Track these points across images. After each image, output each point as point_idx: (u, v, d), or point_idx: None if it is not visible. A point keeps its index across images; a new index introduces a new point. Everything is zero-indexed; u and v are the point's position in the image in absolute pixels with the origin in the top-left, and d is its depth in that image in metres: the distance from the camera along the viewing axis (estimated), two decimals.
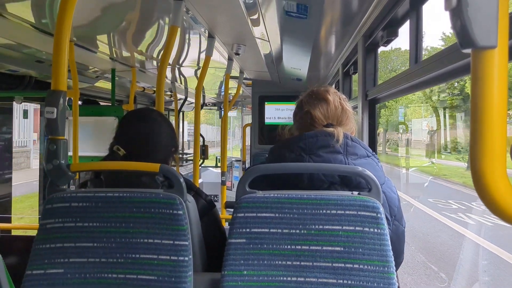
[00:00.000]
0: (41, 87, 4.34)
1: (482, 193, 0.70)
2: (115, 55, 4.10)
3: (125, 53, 4.10)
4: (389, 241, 1.39)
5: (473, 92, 0.69)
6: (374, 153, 1.68)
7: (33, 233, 1.59)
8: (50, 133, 1.57)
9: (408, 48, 2.20)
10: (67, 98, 4.08)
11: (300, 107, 1.79)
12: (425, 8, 2.13)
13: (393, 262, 1.39)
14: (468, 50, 0.69)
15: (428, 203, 12.37)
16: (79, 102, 5.16)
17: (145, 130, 1.85)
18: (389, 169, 16.99)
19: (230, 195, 6.64)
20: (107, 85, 5.03)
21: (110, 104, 4.92)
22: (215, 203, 1.97)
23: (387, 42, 2.62)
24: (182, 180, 1.54)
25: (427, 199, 12.76)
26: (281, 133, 1.81)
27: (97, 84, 5.12)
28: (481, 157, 0.69)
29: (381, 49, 3.00)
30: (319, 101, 1.74)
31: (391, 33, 2.49)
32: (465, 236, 9.17)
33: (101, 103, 5.88)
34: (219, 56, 4.18)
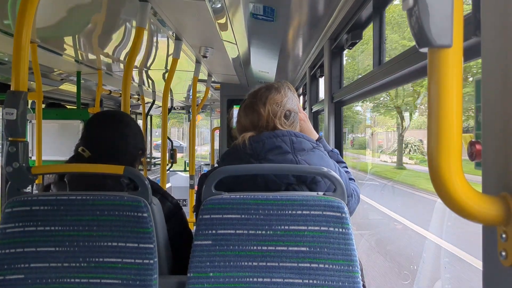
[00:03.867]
0: (3, 89, 4.22)
1: (439, 188, 0.71)
2: (80, 58, 4.03)
3: (91, 56, 4.03)
4: (354, 240, 1.41)
5: (430, 90, 0.70)
6: (317, 143, 1.67)
7: None
8: (10, 134, 1.53)
9: None
10: (31, 101, 3.97)
11: (239, 109, 1.77)
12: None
13: (358, 261, 1.41)
14: (424, 50, 0.70)
15: None
16: (43, 105, 5.05)
17: (111, 132, 1.82)
18: None
19: None
20: (73, 88, 4.94)
21: (76, 107, 4.83)
22: (184, 207, 1.95)
23: (351, 45, 2.66)
24: (147, 182, 1.52)
25: None
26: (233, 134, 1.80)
27: (62, 87, 5.02)
28: (438, 154, 0.70)
29: None
30: (251, 111, 1.70)
31: (356, 36, 2.53)
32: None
33: (67, 107, 5.77)
34: (187, 59, 4.16)
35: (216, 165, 6.84)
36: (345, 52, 3.03)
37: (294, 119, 1.71)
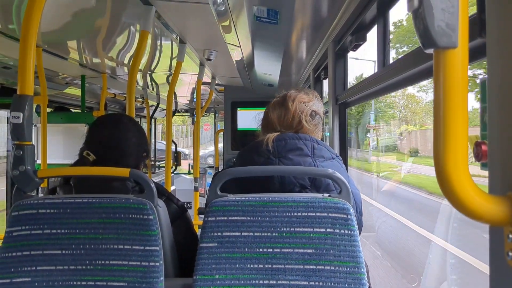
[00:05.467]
0: (8, 93, 4.24)
1: (446, 189, 0.71)
2: (85, 61, 4.04)
3: (96, 59, 4.04)
4: (359, 242, 1.41)
5: (436, 91, 0.70)
6: (337, 154, 1.72)
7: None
8: (17, 138, 1.53)
9: None
10: (36, 104, 4.00)
11: (266, 108, 1.84)
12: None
13: (364, 263, 1.41)
14: (430, 51, 0.70)
15: None
16: (51, 109, 5.07)
17: (115, 135, 1.83)
18: None
19: (203, 202, 6.56)
20: (77, 91, 4.95)
21: (80, 111, 4.85)
22: (188, 210, 1.96)
23: (355, 47, 2.66)
24: (152, 185, 1.52)
25: None
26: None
27: (67, 90, 5.03)
28: (444, 154, 0.70)
29: None
30: (279, 106, 1.77)
31: (360, 38, 2.53)
32: None
33: (72, 110, 5.79)
34: (191, 62, 4.17)
35: (220, 167, 6.85)
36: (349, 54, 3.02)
37: (318, 121, 1.78)
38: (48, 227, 1.47)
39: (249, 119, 6.08)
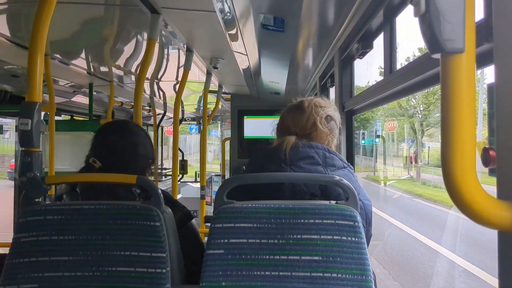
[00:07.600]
0: (17, 101, 4.27)
1: (454, 195, 0.71)
2: (92, 70, 4.07)
3: (103, 68, 4.07)
4: (367, 249, 1.39)
5: (443, 96, 0.70)
6: (349, 164, 1.71)
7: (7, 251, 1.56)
8: (25, 145, 1.54)
9: None
10: (44, 113, 4.02)
11: (283, 111, 1.84)
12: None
13: (371, 271, 1.40)
14: (437, 55, 0.70)
15: None
16: (61, 118, 5.11)
17: (121, 142, 1.83)
18: None
19: (210, 210, 6.58)
20: (85, 99, 4.98)
21: (88, 119, 4.87)
22: (195, 218, 1.96)
23: (362, 54, 2.66)
24: (159, 191, 1.52)
25: None
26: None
27: (74, 98, 5.07)
28: (452, 160, 0.70)
29: None
30: (295, 109, 1.77)
31: (366, 45, 2.53)
32: None
33: (81, 118, 5.82)
34: (197, 71, 4.18)
35: (227, 174, 6.85)
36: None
37: (333, 127, 1.78)
38: (56, 233, 1.48)
39: (255, 127, 6.09)
